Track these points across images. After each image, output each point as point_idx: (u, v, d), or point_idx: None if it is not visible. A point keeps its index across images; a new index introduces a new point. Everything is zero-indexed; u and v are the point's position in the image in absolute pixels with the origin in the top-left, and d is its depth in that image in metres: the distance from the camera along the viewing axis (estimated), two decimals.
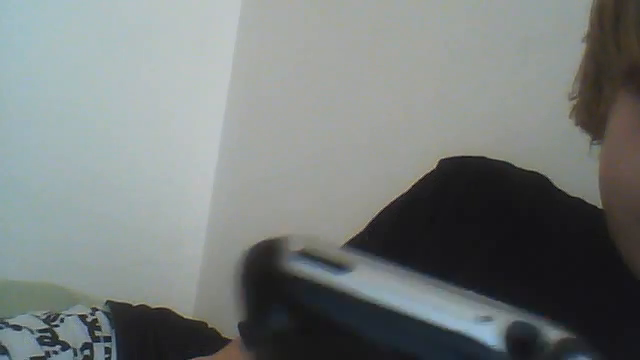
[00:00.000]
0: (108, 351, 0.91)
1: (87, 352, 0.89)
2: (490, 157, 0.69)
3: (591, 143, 0.61)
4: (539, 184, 0.68)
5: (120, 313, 0.96)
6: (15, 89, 1.21)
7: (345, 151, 1.20)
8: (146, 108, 1.36)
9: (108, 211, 1.32)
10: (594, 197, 0.60)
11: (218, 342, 0.79)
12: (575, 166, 0.70)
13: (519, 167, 0.69)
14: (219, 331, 1.06)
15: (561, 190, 0.68)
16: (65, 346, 0.87)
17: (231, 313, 0.79)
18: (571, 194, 0.67)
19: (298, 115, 1.31)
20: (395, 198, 0.71)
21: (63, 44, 1.25)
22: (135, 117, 1.34)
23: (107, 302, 1.00)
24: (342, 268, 0.25)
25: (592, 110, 0.58)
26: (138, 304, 1.03)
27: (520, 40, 0.96)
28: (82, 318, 0.92)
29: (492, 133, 0.98)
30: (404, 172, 0.71)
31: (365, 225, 0.71)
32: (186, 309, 1.16)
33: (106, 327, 0.93)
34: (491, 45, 1.00)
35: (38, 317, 0.90)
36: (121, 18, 1.31)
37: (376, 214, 0.71)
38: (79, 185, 1.28)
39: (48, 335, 0.87)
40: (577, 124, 0.62)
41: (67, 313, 0.93)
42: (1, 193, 1.20)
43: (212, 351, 0.77)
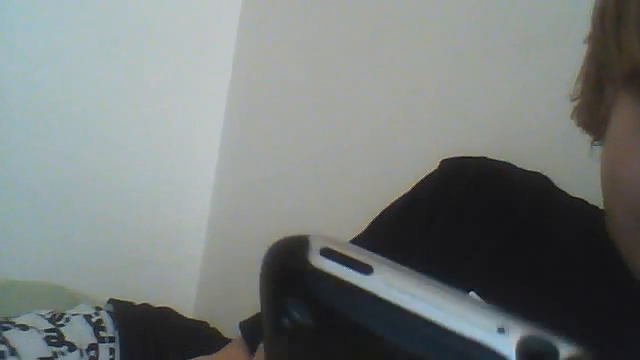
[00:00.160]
0: (112, 352, 0.91)
1: (93, 353, 0.89)
2: (491, 157, 0.69)
3: (592, 144, 0.61)
4: (540, 184, 0.68)
5: (122, 312, 0.96)
6: (15, 89, 1.21)
7: (345, 151, 1.20)
8: (146, 108, 1.36)
9: (108, 211, 1.32)
10: (595, 197, 0.60)
11: (218, 342, 0.79)
12: (576, 166, 0.70)
13: (520, 167, 0.69)
14: (220, 331, 1.06)
15: (562, 190, 0.68)
16: (72, 347, 0.87)
17: (231, 313, 0.79)
18: (572, 194, 0.67)
19: (298, 115, 1.31)
20: (396, 198, 0.71)
21: (63, 44, 1.25)
22: (135, 117, 1.34)
23: (110, 300, 1.00)
24: (364, 269, 0.25)
25: (593, 111, 0.58)
26: (141, 303, 1.03)
27: (520, 40, 0.96)
28: (87, 318, 0.92)
29: (493, 133, 0.98)
30: (404, 172, 0.71)
31: (366, 225, 0.71)
32: (186, 309, 1.16)
33: (110, 327, 0.93)
34: (491, 45, 1.00)
35: (43, 316, 0.90)
36: (121, 18, 1.31)
37: (377, 214, 0.71)
38: (79, 185, 1.28)
39: (55, 335, 0.87)
40: (578, 125, 0.62)
41: (72, 312, 0.93)
42: (1, 193, 1.20)
43: (212, 351, 0.77)
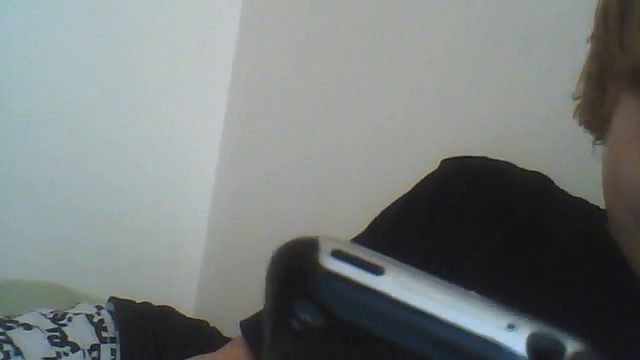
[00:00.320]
0: (113, 352, 0.91)
1: (95, 354, 0.89)
2: (492, 157, 0.69)
3: (594, 143, 0.61)
4: (540, 184, 0.68)
5: (123, 311, 0.96)
6: (15, 89, 1.21)
7: (345, 151, 1.20)
8: (146, 108, 1.36)
9: (108, 210, 1.32)
10: (596, 197, 0.60)
11: (219, 341, 0.79)
12: (577, 166, 0.70)
13: (521, 167, 0.69)
14: (220, 330, 1.06)
15: (563, 190, 0.68)
16: (74, 347, 0.87)
17: (231, 313, 0.79)
18: (573, 194, 0.67)
19: (298, 115, 1.31)
20: (396, 198, 0.71)
21: (63, 44, 1.25)
22: (135, 117, 1.34)
23: (110, 299, 1.00)
24: (376, 270, 0.25)
25: (596, 110, 0.58)
26: (141, 301, 1.03)
27: (521, 40, 0.96)
28: (89, 318, 0.92)
29: (493, 133, 0.98)
30: (404, 172, 0.71)
31: (366, 225, 0.71)
32: (186, 309, 1.16)
33: (111, 328, 0.93)
34: (491, 45, 1.00)
35: (45, 316, 0.90)
36: (121, 18, 1.31)
37: (377, 214, 0.71)
38: (79, 185, 1.28)
39: (57, 335, 0.87)
40: (581, 124, 0.62)
41: (74, 312, 0.93)
42: (1, 193, 1.21)
43: (212, 350, 0.77)
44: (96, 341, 0.90)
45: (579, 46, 0.59)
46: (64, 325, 0.89)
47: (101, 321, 0.93)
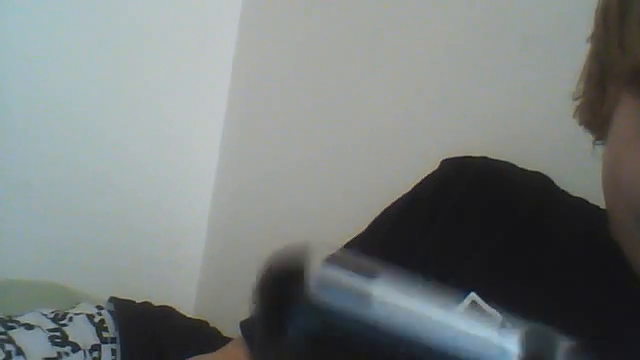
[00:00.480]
0: (114, 353, 0.91)
1: (95, 354, 0.89)
2: (492, 157, 0.69)
3: (594, 143, 0.61)
4: (541, 184, 0.68)
5: (123, 311, 0.96)
6: (15, 89, 1.21)
7: (345, 151, 1.20)
8: (146, 108, 1.36)
9: (108, 211, 1.32)
10: (596, 197, 0.60)
11: (219, 341, 0.79)
12: (577, 166, 0.70)
13: (521, 167, 0.69)
14: (220, 330, 1.06)
15: (563, 190, 0.68)
16: (75, 347, 0.87)
17: (231, 313, 0.79)
18: (573, 194, 0.67)
19: (298, 115, 1.31)
20: (397, 198, 0.71)
21: (63, 44, 1.25)
22: (135, 117, 1.34)
23: (111, 299, 1.00)
24: (368, 275, 0.25)
25: (596, 110, 0.58)
26: (141, 301, 1.03)
27: (521, 40, 0.96)
28: (90, 318, 0.92)
29: (493, 133, 0.98)
30: (404, 172, 0.71)
31: (366, 225, 0.71)
32: (186, 309, 1.16)
33: (112, 328, 0.93)
34: (492, 45, 1.00)
35: (46, 316, 0.90)
36: (121, 18, 1.31)
37: (378, 214, 0.71)
38: (79, 185, 1.28)
39: (58, 335, 0.87)
40: (581, 124, 0.62)
41: (75, 312, 0.93)
42: (1, 193, 1.20)
43: (212, 350, 0.77)
44: (97, 341, 0.90)
45: (579, 46, 0.59)
46: (65, 325, 0.89)
47: (102, 321, 0.93)
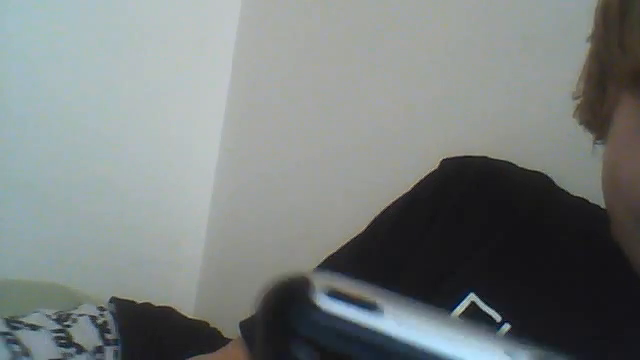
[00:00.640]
0: (117, 354, 0.91)
1: (99, 356, 0.89)
2: (492, 157, 0.69)
3: (594, 143, 0.61)
4: (541, 184, 0.68)
5: (123, 312, 0.96)
6: (15, 89, 1.21)
7: (345, 151, 1.20)
8: (146, 108, 1.36)
9: (108, 211, 1.32)
10: (597, 197, 0.60)
11: (219, 342, 0.79)
12: (577, 166, 0.70)
13: (521, 167, 0.69)
14: (220, 331, 1.06)
15: (563, 190, 0.68)
16: (80, 349, 0.87)
17: (231, 313, 0.79)
18: (574, 194, 0.67)
19: (298, 115, 1.31)
20: (396, 198, 0.71)
21: (63, 44, 1.25)
22: (135, 117, 1.34)
23: (112, 299, 1.00)
24: (373, 308, 0.25)
25: (596, 110, 0.58)
26: (142, 302, 1.03)
27: (521, 39, 0.96)
28: (93, 319, 0.92)
29: (493, 133, 0.98)
30: (404, 172, 0.71)
31: (366, 225, 0.71)
32: (186, 309, 1.16)
33: (114, 329, 0.93)
34: (492, 45, 1.00)
35: (49, 317, 0.90)
36: (121, 18, 1.31)
37: (377, 214, 0.71)
38: (79, 185, 1.28)
39: (63, 336, 0.87)
40: (581, 124, 0.62)
41: (77, 313, 0.93)
42: (1, 193, 1.20)
43: (212, 351, 0.77)
44: (100, 343, 0.90)
45: (579, 46, 0.59)
46: (69, 326, 0.89)
47: (105, 323, 0.93)
